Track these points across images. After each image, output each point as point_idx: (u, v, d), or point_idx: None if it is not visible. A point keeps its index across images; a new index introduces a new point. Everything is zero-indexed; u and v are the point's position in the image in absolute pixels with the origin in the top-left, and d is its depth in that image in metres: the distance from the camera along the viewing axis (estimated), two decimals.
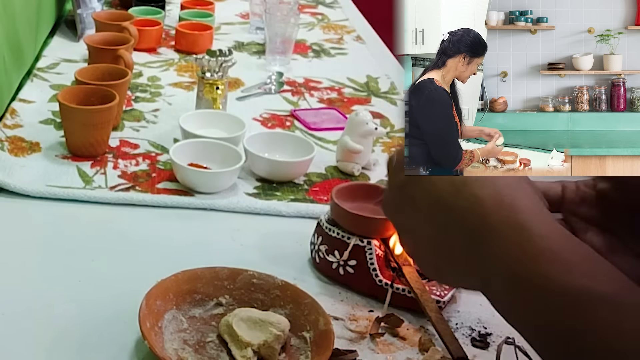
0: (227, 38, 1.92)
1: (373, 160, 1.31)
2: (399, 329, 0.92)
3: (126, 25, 1.60)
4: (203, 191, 1.17)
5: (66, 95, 1.25)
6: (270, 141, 1.30)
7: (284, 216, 1.16)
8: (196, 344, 0.86)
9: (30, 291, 0.94)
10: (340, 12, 2.24)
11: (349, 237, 0.98)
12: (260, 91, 1.61)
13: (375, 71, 1.77)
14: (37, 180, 1.16)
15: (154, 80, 1.61)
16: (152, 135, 1.36)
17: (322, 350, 0.84)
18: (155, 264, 0.99)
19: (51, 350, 0.84)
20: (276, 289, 0.93)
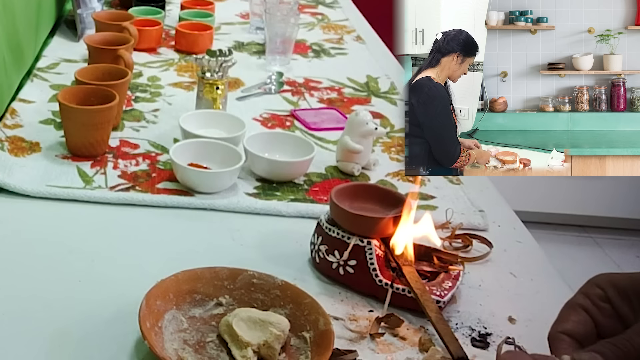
0: (227, 38, 1.92)
1: (373, 160, 1.31)
2: (399, 329, 0.92)
3: (126, 25, 1.60)
4: (203, 191, 1.17)
5: (66, 95, 1.25)
6: (270, 141, 1.30)
7: (284, 216, 1.16)
8: (196, 344, 0.86)
9: (30, 291, 0.94)
10: (340, 12, 2.24)
11: (349, 237, 0.98)
12: (260, 91, 1.61)
13: (375, 71, 1.77)
14: (37, 180, 1.16)
15: (154, 80, 1.61)
16: (152, 135, 1.36)
17: (322, 350, 0.84)
18: (155, 264, 1.00)
19: (51, 350, 0.84)
20: (276, 289, 0.93)
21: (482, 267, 1.07)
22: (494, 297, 1.01)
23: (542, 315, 0.98)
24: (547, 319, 0.98)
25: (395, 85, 1.70)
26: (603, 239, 2.95)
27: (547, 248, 1.19)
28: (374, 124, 1.27)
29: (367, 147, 1.28)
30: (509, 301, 1.00)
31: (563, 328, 0.80)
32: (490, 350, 0.90)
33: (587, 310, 0.81)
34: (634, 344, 0.74)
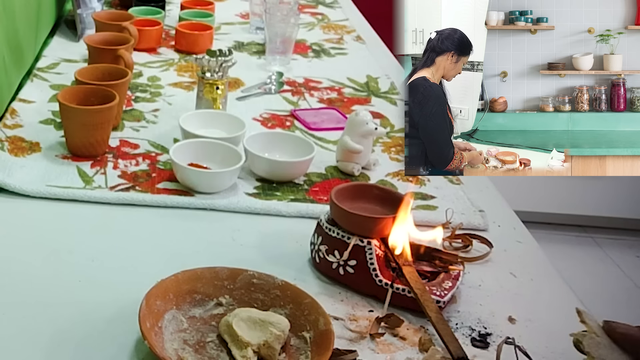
0: (227, 38, 1.92)
1: (373, 160, 1.31)
2: (399, 329, 0.92)
3: (126, 25, 1.60)
4: (203, 191, 1.17)
5: (66, 95, 1.25)
6: (270, 141, 1.30)
7: (284, 216, 1.16)
8: (196, 344, 0.86)
9: (30, 291, 0.94)
10: (340, 12, 2.24)
11: (349, 237, 0.98)
12: (260, 91, 1.61)
13: (375, 71, 1.77)
14: (37, 180, 1.16)
15: (154, 80, 1.61)
16: (152, 135, 1.36)
17: (322, 350, 0.84)
18: (155, 264, 1.00)
19: (51, 350, 0.84)
20: (276, 289, 0.93)
21: (482, 267, 1.07)
22: (494, 297, 1.01)
23: (542, 315, 0.98)
24: (547, 319, 0.98)
25: (395, 85, 1.70)
26: (603, 239, 2.95)
27: (547, 248, 1.19)
28: (374, 124, 1.27)
29: (367, 147, 1.28)
30: (509, 301, 1.00)
31: None
32: (490, 350, 0.90)
33: None
34: None
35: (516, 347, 0.84)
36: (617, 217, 2.99)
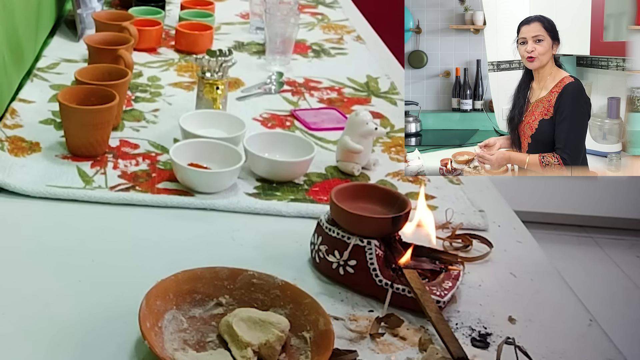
0: (227, 38, 1.92)
1: (373, 160, 1.31)
2: (399, 329, 0.92)
3: (126, 25, 1.60)
4: (203, 191, 1.17)
5: (66, 95, 1.25)
6: (270, 141, 1.30)
7: (284, 216, 1.16)
8: (196, 344, 0.86)
9: (30, 291, 0.94)
10: (340, 12, 2.24)
11: (349, 237, 0.98)
12: (260, 91, 1.61)
13: (375, 71, 1.77)
14: (37, 180, 1.16)
15: (154, 80, 1.61)
16: (152, 135, 1.36)
17: (322, 350, 0.84)
18: (155, 264, 1.00)
19: (51, 350, 0.84)
20: (276, 289, 0.93)
21: (482, 267, 1.07)
22: (494, 297, 1.01)
23: (542, 315, 0.98)
24: (547, 319, 0.98)
25: (395, 85, 1.70)
26: (603, 239, 2.95)
27: (547, 248, 1.19)
28: (374, 124, 1.27)
29: (367, 147, 1.28)
30: (509, 301, 1.00)
31: None
32: (490, 350, 0.90)
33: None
34: None
35: (516, 347, 0.84)
36: (617, 217, 2.99)
